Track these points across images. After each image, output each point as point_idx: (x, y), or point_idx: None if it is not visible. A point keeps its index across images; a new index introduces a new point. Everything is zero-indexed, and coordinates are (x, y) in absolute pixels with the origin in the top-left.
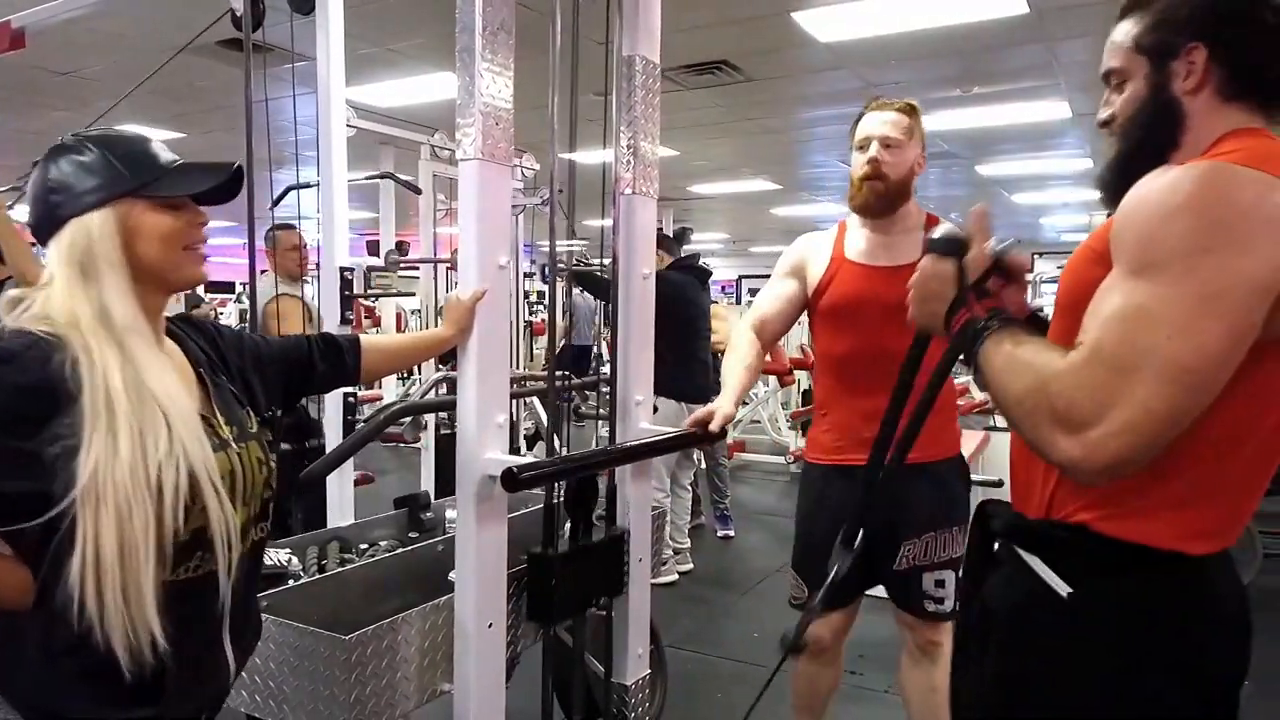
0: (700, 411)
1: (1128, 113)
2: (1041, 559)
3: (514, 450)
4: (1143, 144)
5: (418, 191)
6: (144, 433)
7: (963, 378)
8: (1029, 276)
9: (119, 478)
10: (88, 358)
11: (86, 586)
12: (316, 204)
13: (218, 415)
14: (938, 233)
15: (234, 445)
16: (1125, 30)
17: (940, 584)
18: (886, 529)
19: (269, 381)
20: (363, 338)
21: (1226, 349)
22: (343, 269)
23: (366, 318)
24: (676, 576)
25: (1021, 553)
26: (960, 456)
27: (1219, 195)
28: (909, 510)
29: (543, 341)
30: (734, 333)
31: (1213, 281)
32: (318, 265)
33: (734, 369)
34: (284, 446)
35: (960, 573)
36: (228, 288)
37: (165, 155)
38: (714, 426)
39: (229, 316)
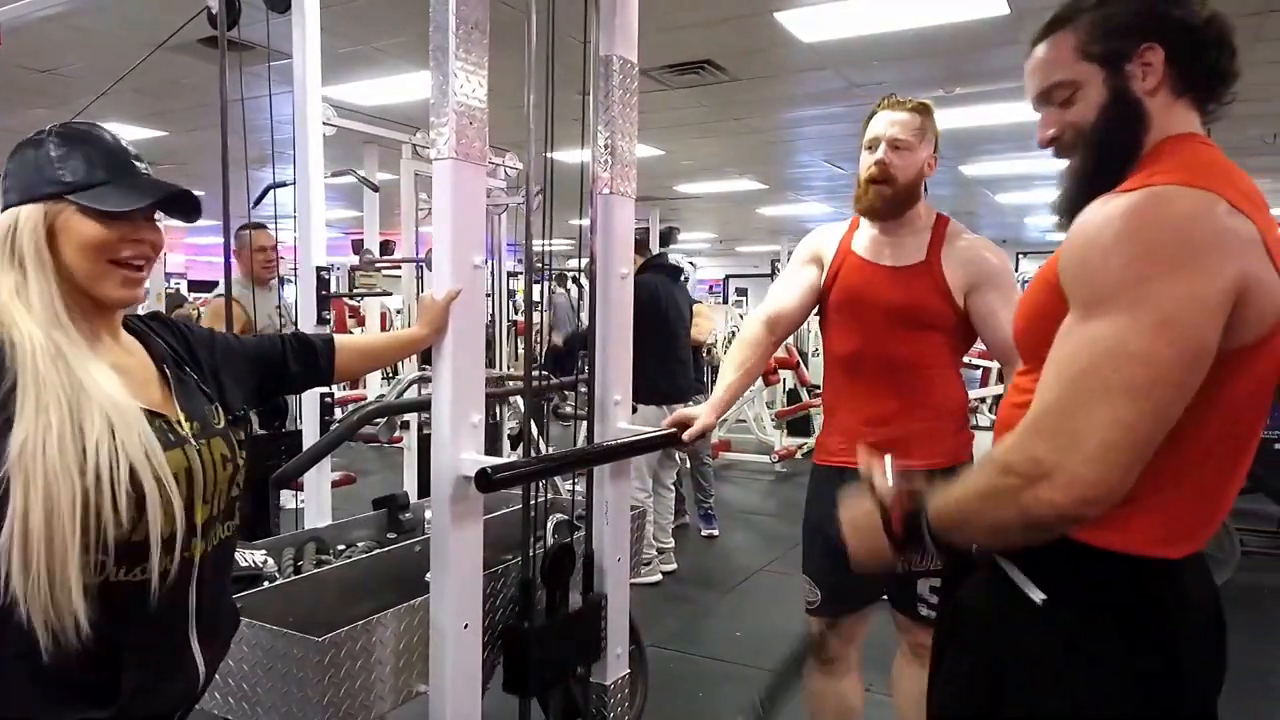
0: (682, 412)
1: (1088, 119)
2: (1016, 564)
3: (496, 450)
4: (1109, 149)
5: (375, 189)
6: (77, 413)
7: (975, 391)
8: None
9: (49, 453)
10: (14, 339)
11: (13, 559)
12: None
13: (178, 411)
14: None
15: (193, 442)
16: (1056, 46)
17: (935, 590)
18: None
19: (241, 381)
20: (337, 337)
21: (1182, 371)
22: (319, 268)
23: (351, 317)
24: (660, 577)
25: (997, 557)
26: (970, 464)
27: (1159, 220)
28: None
29: None
30: (741, 328)
31: (1162, 307)
32: (294, 265)
33: (727, 374)
34: (259, 431)
35: None
36: (212, 287)
37: (121, 164)
38: (688, 437)
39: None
